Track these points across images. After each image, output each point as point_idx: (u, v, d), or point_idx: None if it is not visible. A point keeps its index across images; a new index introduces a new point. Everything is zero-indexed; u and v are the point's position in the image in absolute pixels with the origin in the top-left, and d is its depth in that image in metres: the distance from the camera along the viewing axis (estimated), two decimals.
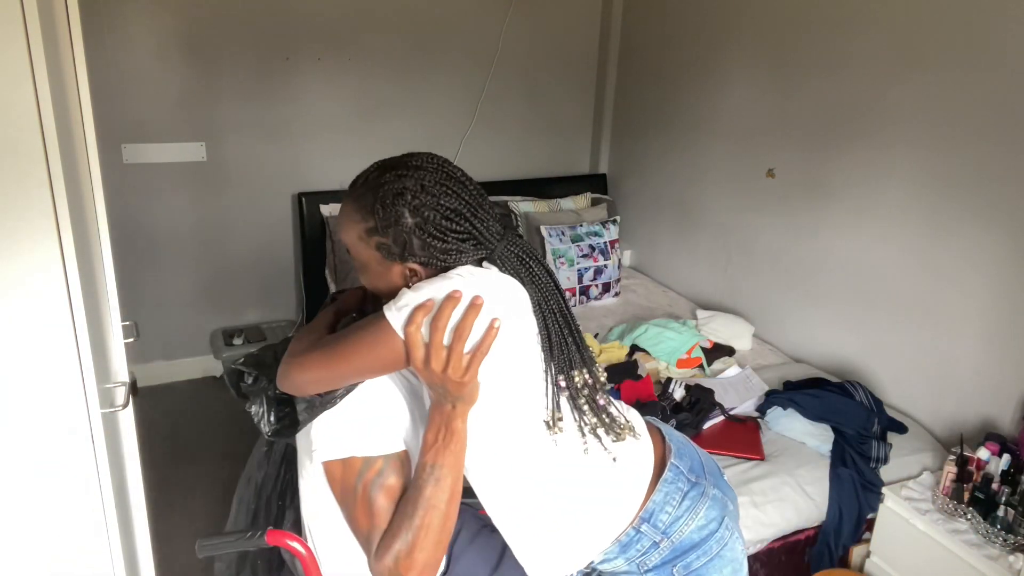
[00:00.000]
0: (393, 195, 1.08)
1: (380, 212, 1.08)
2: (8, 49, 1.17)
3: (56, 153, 1.23)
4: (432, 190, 1.09)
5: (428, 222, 1.08)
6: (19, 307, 1.29)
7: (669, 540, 1.18)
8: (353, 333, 1.09)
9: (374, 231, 1.10)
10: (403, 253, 1.09)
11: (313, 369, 1.10)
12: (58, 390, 1.36)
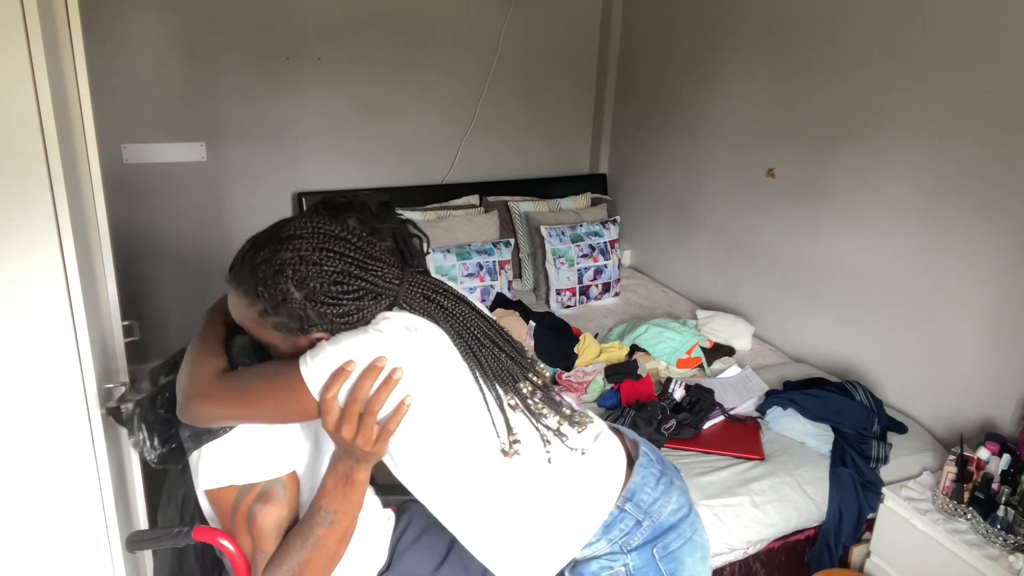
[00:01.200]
0: (273, 273, 1.02)
1: (265, 294, 1.03)
2: (8, 49, 1.17)
3: (56, 153, 1.24)
4: (312, 258, 1.01)
5: (317, 292, 1.02)
6: (19, 307, 1.29)
7: (650, 519, 1.19)
8: (265, 380, 1.06)
9: (265, 313, 1.04)
10: (302, 327, 1.04)
11: (219, 406, 1.07)
12: (58, 390, 1.36)
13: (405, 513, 1.48)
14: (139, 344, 2.02)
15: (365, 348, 1.01)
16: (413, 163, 3.66)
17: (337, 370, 1.00)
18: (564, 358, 2.66)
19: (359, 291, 1.04)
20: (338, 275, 1.03)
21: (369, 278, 1.05)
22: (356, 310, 1.05)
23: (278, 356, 1.12)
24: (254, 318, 1.07)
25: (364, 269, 1.05)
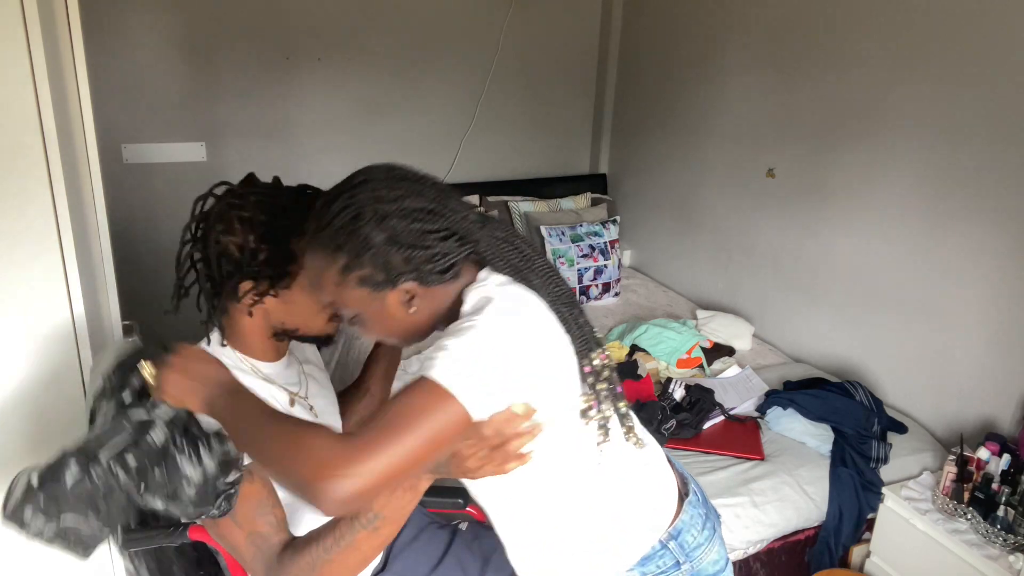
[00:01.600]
0: (351, 219, 0.94)
1: (345, 244, 0.94)
2: (8, 49, 1.17)
3: (56, 153, 1.24)
4: (389, 196, 0.95)
5: (400, 233, 0.94)
6: (19, 307, 1.29)
7: (691, 564, 1.11)
8: (397, 410, 0.85)
9: (348, 268, 0.95)
10: (389, 277, 0.95)
11: (373, 475, 0.81)
12: (58, 390, 1.36)
13: None
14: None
15: (488, 336, 0.90)
16: (413, 163, 3.57)
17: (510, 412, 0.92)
18: None
19: (443, 230, 0.97)
20: (419, 212, 0.95)
21: (450, 216, 0.98)
22: (442, 253, 0.97)
23: (366, 330, 1.02)
24: (335, 280, 0.97)
25: (444, 206, 0.98)
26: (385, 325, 1.02)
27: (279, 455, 0.84)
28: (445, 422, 0.85)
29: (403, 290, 0.97)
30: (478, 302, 0.95)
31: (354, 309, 1.00)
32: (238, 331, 1.17)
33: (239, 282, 1.10)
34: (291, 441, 0.84)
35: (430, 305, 1.01)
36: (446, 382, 0.85)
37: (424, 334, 1.07)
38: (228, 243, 1.09)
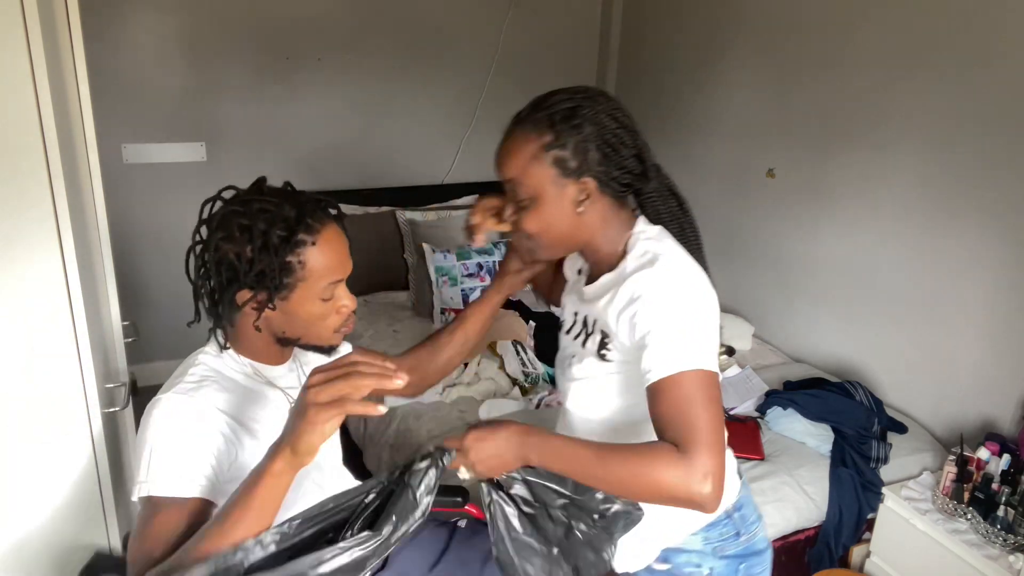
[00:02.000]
0: (570, 109, 1.07)
1: (559, 124, 1.06)
2: (8, 49, 1.17)
3: (56, 153, 1.24)
4: (606, 105, 1.08)
5: (607, 131, 1.07)
6: (19, 307, 1.29)
7: (748, 536, 1.20)
8: (690, 397, 0.98)
9: (551, 145, 1.06)
10: (580, 167, 1.07)
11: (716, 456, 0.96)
12: (59, 390, 1.36)
13: None
14: (139, 344, 2.03)
15: (689, 303, 1.04)
16: (413, 163, 3.66)
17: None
18: None
19: (636, 148, 1.10)
20: (626, 128, 1.08)
21: (643, 145, 1.11)
22: (629, 169, 1.10)
23: (531, 216, 1.10)
24: (534, 152, 1.07)
25: (636, 136, 1.11)
26: (550, 215, 1.10)
27: (634, 488, 0.99)
28: (715, 389, 1.00)
29: (583, 186, 1.08)
30: (655, 260, 1.07)
31: (534, 189, 1.09)
32: (242, 335, 1.15)
33: (237, 291, 1.08)
34: (644, 475, 0.96)
35: (592, 218, 1.12)
36: (692, 365, 0.98)
37: (569, 247, 1.18)
38: (227, 251, 1.06)
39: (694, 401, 0.97)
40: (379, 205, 3.45)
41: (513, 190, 1.12)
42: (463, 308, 1.48)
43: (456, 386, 2.49)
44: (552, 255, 1.21)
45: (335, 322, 1.14)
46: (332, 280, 1.10)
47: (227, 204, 1.09)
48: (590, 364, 1.15)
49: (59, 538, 1.45)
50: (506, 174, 1.12)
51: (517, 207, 1.13)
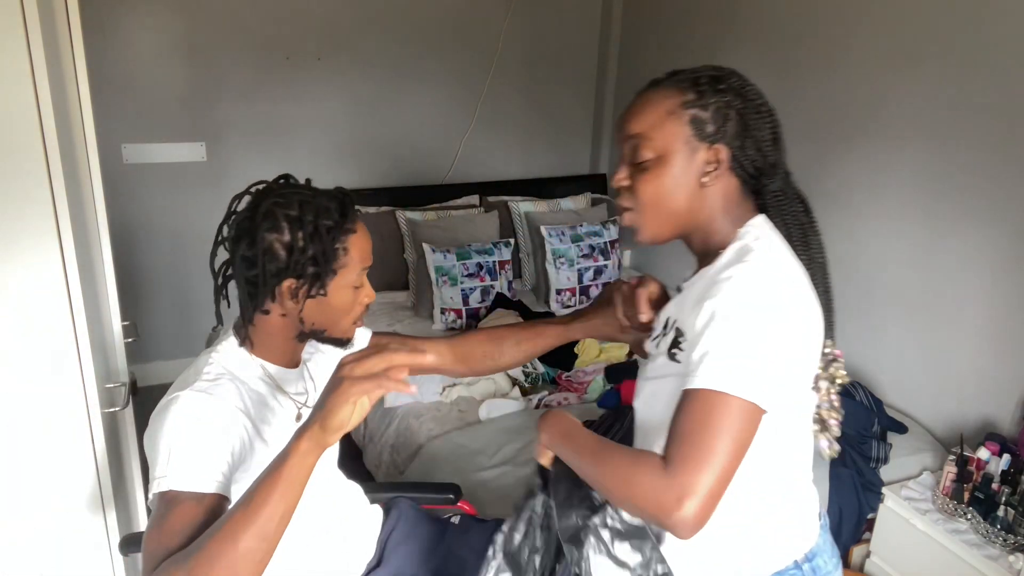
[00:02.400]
0: (716, 76, 1.04)
1: (703, 86, 1.02)
2: (8, 49, 1.17)
3: (56, 153, 1.24)
4: (751, 87, 1.07)
5: (750, 104, 1.03)
6: (19, 307, 1.29)
7: None
8: (709, 419, 0.87)
9: (692, 104, 1.01)
10: (716, 133, 1.00)
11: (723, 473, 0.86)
12: (59, 390, 1.36)
13: (394, 509, 1.48)
14: (139, 344, 2.03)
15: (749, 325, 0.90)
16: (413, 163, 3.66)
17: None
18: (564, 358, 2.66)
19: (774, 130, 1.05)
20: (767, 109, 1.05)
21: (778, 133, 1.06)
22: (761, 152, 1.03)
23: (651, 176, 1.01)
24: (673, 108, 1.02)
25: (776, 124, 1.06)
26: (672, 180, 1.02)
27: (619, 495, 0.91)
28: (743, 424, 0.88)
29: (716, 153, 1.01)
30: (745, 257, 0.96)
31: (662, 147, 1.01)
32: (263, 334, 1.16)
33: (282, 281, 1.10)
34: (623, 479, 0.89)
35: (714, 196, 1.03)
36: (733, 390, 0.87)
37: (678, 228, 1.06)
38: (274, 241, 1.08)
39: (712, 425, 0.86)
40: (379, 205, 3.45)
41: (635, 148, 1.03)
42: (527, 320, 1.44)
43: (456, 386, 2.49)
44: (660, 232, 1.05)
45: (357, 312, 1.19)
46: (365, 266, 1.16)
47: (265, 197, 1.10)
48: (661, 364, 1.04)
49: (58, 537, 1.45)
50: (633, 129, 1.04)
51: (634, 169, 1.04)
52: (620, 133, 1.07)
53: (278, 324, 1.15)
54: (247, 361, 1.16)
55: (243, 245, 1.10)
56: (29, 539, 1.42)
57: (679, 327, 1.02)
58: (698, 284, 1.01)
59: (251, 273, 1.10)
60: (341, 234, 1.11)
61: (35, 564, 1.44)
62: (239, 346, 1.17)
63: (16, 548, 1.41)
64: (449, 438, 2.24)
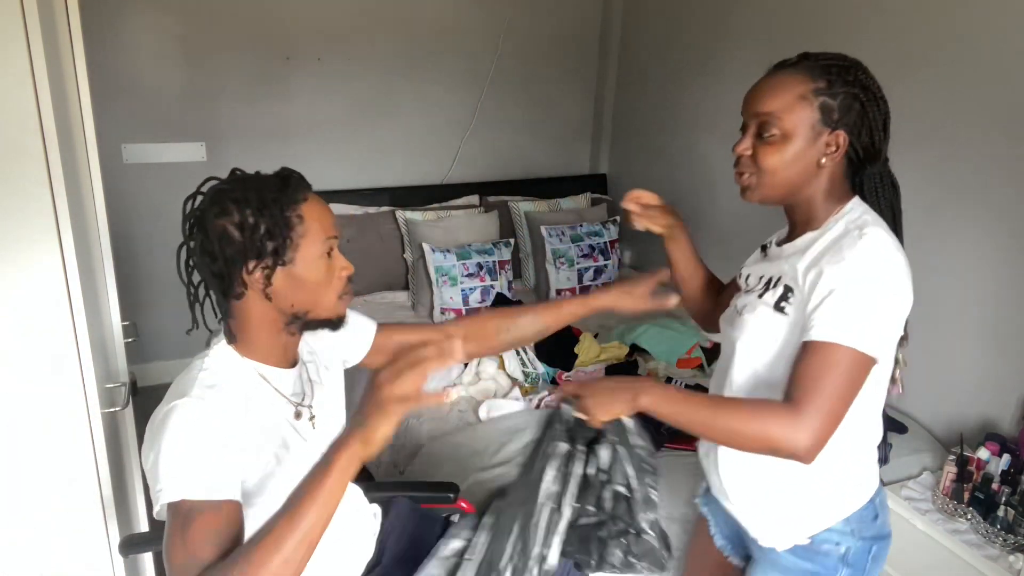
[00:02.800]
0: (845, 66, 1.13)
1: (835, 76, 1.11)
2: (8, 49, 1.17)
3: (56, 153, 1.24)
4: (868, 72, 1.16)
5: (871, 95, 1.14)
6: (19, 307, 1.29)
7: (882, 519, 1.25)
8: (828, 367, 1.04)
9: (823, 91, 1.12)
10: (840, 120, 1.12)
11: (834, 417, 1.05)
12: (59, 390, 1.36)
13: (394, 508, 1.48)
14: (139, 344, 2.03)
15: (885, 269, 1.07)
16: (413, 163, 3.66)
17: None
18: (564, 358, 2.66)
19: (885, 118, 1.18)
20: (883, 95, 1.17)
21: (888, 122, 1.20)
22: (874, 138, 1.18)
23: (772, 152, 1.14)
24: (804, 93, 1.12)
25: (888, 114, 1.20)
26: (794, 157, 1.14)
27: (748, 435, 1.05)
28: (860, 373, 1.05)
29: (837, 138, 1.13)
30: (865, 229, 1.10)
31: (790, 128, 1.13)
32: (248, 329, 1.15)
33: (243, 264, 1.09)
34: (753, 422, 1.05)
35: (824, 176, 1.16)
36: (853, 343, 1.03)
37: (789, 196, 1.19)
38: (225, 224, 1.10)
39: (833, 373, 1.03)
40: (379, 205, 3.45)
41: (763, 124, 1.15)
42: (514, 304, 1.55)
43: (456, 386, 2.49)
44: (770, 195, 1.20)
45: (338, 287, 1.17)
46: (329, 235, 1.15)
47: (210, 190, 1.15)
48: (764, 314, 1.18)
49: (58, 538, 1.45)
50: (764, 107, 1.15)
51: (757, 140, 1.16)
52: (749, 109, 1.19)
53: (259, 314, 1.13)
54: (239, 364, 1.15)
55: (199, 238, 1.11)
56: (29, 539, 1.42)
57: (789, 284, 1.15)
58: (810, 250, 1.15)
59: (215, 265, 1.10)
60: (289, 203, 1.12)
61: (35, 564, 1.44)
62: (228, 346, 1.16)
63: (16, 548, 1.41)
64: (449, 438, 2.24)
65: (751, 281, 1.29)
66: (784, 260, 1.20)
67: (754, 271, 1.30)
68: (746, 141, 1.18)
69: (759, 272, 1.28)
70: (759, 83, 1.20)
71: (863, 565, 1.22)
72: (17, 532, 1.40)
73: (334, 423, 1.32)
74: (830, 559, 1.21)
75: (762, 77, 1.20)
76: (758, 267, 1.30)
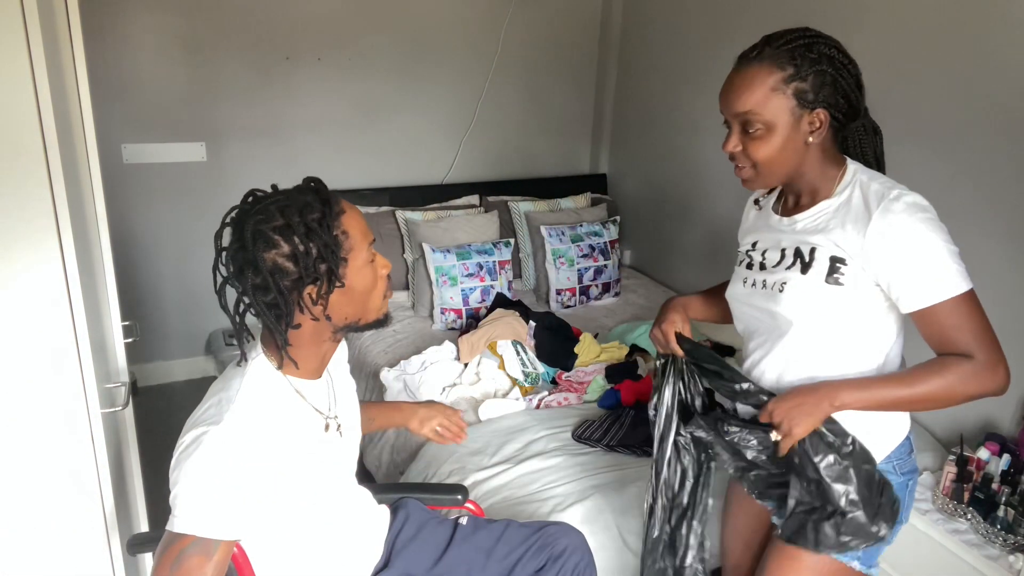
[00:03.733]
0: (806, 44, 1.16)
1: (799, 58, 1.15)
2: (8, 49, 1.17)
3: (56, 153, 1.24)
4: (830, 40, 1.19)
5: (838, 63, 1.16)
6: (19, 307, 1.29)
7: (915, 454, 1.35)
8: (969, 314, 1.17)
9: (793, 78, 1.15)
10: (816, 99, 1.16)
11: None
12: (59, 390, 1.36)
13: (402, 510, 1.48)
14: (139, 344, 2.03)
15: (932, 231, 1.19)
16: (413, 163, 3.66)
17: None
18: (564, 358, 2.66)
19: (856, 78, 1.19)
20: (852, 64, 1.19)
21: (859, 73, 1.20)
22: (853, 100, 1.19)
23: (761, 144, 1.18)
24: (775, 84, 1.15)
25: (858, 71, 1.21)
26: (782, 145, 1.18)
27: (944, 401, 1.24)
28: (978, 303, 1.20)
29: (817, 116, 1.17)
30: (899, 195, 1.19)
31: (771, 120, 1.17)
32: (297, 351, 1.15)
33: (303, 291, 1.08)
34: (955, 385, 1.21)
35: (815, 150, 1.20)
36: (965, 287, 1.16)
37: (788, 177, 1.24)
38: (275, 257, 1.06)
39: (970, 317, 1.15)
40: (379, 205, 3.46)
41: (745, 122, 1.19)
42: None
43: (456, 386, 2.49)
44: (770, 183, 1.27)
45: (382, 287, 1.20)
46: (370, 240, 1.17)
47: (244, 222, 1.08)
48: (815, 288, 1.22)
49: (59, 538, 1.45)
50: (741, 107, 1.18)
51: (744, 136, 1.20)
52: (727, 109, 1.21)
53: (311, 332, 1.14)
54: (276, 381, 1.15)
55: (248, 275, 1.07)
56: (29, 539, 1.42)
57: (836, 255, 1.20)
58: (835, 219, 1.20)
59: (268, 298, 1.08)
60: (333, 220, 1.10)
61: (35, 564, 1.44)
62: (266, 360, 1.15)
63: (16, 548, 1.41)
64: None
65: (768, 255, 1.31)
66: (809, 231, 1.24)
67: (763, 239, 1.34)
68: (733, 139, 1.22)
69: (771, 242, 1.31)
70: (730, 80, 1.21)
71: (904, 500, 1.28)
72: (17, 532, 1.40)
73: (355, 430, 1.34)
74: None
75: (731, 72, 1.22)
76: (767, 236, 1.33)
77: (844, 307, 1.22)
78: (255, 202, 1.10)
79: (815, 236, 1.23)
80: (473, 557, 1.42)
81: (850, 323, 1.24)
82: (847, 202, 1.21)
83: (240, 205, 1.12)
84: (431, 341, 2.80)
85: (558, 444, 2.17)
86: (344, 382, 1.35)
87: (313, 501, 1.19)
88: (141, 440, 1.86)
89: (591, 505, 1.89)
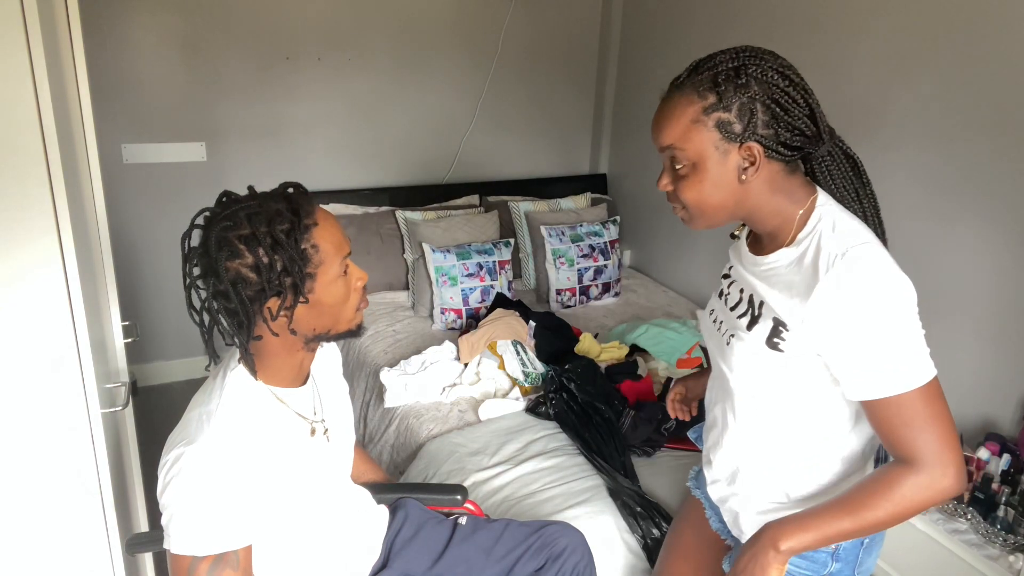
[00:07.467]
0: (734, 68, 1.00)
1: (723, 85, 0.99)
2: (8, 49, 1.17)
3: (56, 153, 1.24)
4: (773, 62, 1.02)
5: (776, 89, 1.00)
6: (19, 307, 1.29)
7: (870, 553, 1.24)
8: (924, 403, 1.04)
9: (714, 107, 1.00)
10: (745, 131, 1.01)
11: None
12: (59, 390, 1.36)
13: (401, 510, 1.48)
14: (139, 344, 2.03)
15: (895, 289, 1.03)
16: (413, 163, 3.66)
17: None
18: (564, 358, 2.66)
19: (808, 107, 1.03)
20: (796, 85, 1.03)
21: (813, 103, 1.04)
22: (799, 130, 1.03)
23: (689, 185, 1.06)
24: (695, 116, 1.02)
25: (809, 95, 1.04)
26: (711, 184, 1.05)
27: (896, 521, 1.03)
28: (938, 396, 1.05)
29: (748, 150, 1.02)
30: (848, 260, 1.01)
31: (694, 156, 1.04)
32: (266, 358, 1.13)
33: (264, 303, 1.05)
34: (901, 504, 1.01)
35: (758, 186, 1.05)
36: (920, 380, 1.01)
37: (731, 217, 1.10)
38: (238, 267, 1.03)
39: (923, 414, 1.02)
40: (379, 205, 3.46)
41: (671, 157, 1.08)
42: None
43: (456, 386, 2.49)
44: (710, 225, 1.12)
45: (355, 300, 1.15)
46: (344, 254, 1.11)
47: (212, 226, 1.03)
48: (756, 351, 1.11)
49: (59, 538, 1.45)
50: (663, 141, 1.07)
51: (674, 174, 1.09)
52: (654, 142, 1.10)
53: (277, 344, 1.11)
54: (256, 390, 1.14)
55: (211, 281, 1.04)
56: (29, 539, 1.42)
57: (778, 319, 1.07)
58: (790, 277, 1.06)
59: (230, 305, 1.05)
60: (302, 234, 1.04)
61: (35, 564, 1.44)
62: (244, 370, 1.13)
63: (16, 548, 1.41)
64: (449, 438, 2.24)
65: (732, 292, 1.21)
66: (762, 279, 1.12)
67: (735, 270, 1.23)
68: (664, 177, 1.12)
69: (738, 276, 1.20)
70: (657, 110, 1.09)
71: (854, 557, 1.19)
72: (17, 532, 1.40)
73: (346, 433, 1.33)
74: (820, 554, 1.18)
75: (660, 101, 1.09)
76: (738, 268, 1.21)
77: (786, 377, 1.09)
78: (226, 206, 1.06)
79: (767, 289, 1.10)
80: (472, 557, 1.42)
81: (794, 396, 1.10)
82: (801, 258, 1.05)
83: (212, 207, 1.08)
84: (431, 341, 2.80)
85: (558, 444, 2.17)
86: (332, 386, 1.33)
87: (306, 505, 1.19)
88: (141, 440, 1.86)
89: (591, 505, 1.89)
